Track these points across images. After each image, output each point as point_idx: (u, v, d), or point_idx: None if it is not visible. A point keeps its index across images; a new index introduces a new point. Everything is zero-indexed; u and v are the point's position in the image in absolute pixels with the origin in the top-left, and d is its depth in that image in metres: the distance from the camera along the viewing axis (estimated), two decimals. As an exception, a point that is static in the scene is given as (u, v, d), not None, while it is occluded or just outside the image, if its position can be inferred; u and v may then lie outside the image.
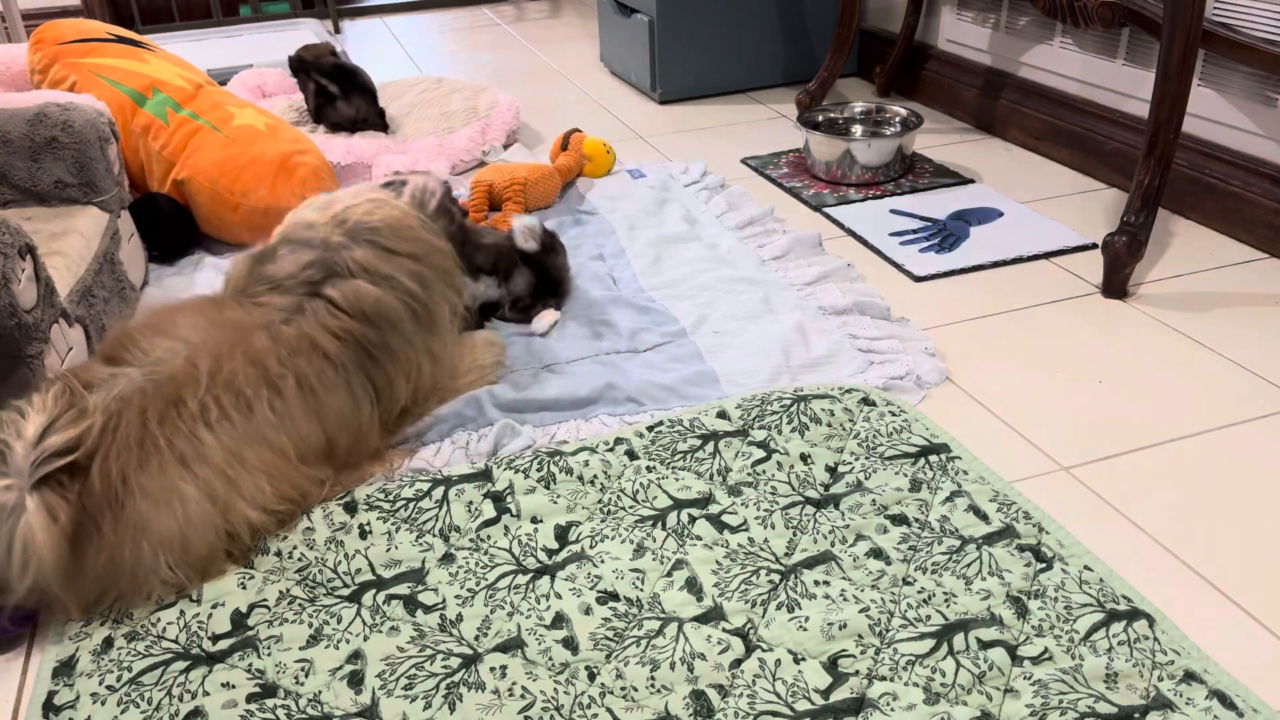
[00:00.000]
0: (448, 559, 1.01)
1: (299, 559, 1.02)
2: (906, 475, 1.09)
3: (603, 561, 1.00)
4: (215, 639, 0.93)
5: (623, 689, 0.86)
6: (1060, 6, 1.71)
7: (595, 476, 1.11)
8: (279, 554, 1.02)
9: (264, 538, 1.04)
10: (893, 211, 1.76)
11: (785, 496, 1.07)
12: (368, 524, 1.06)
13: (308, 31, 3.09)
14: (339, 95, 2.11)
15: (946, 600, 0.93)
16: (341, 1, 3.69)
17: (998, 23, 2.07)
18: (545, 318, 1.41)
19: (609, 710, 0.84)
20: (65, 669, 0.91)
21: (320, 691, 0.87)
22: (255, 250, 1.19)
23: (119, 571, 0.95)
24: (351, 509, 1.08)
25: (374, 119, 2.13)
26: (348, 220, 1.18)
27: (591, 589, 0.96)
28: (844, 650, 0.88)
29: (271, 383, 1.06)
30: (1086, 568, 0.96)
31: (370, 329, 1.13)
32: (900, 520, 1.03)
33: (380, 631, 0.93)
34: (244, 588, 0.98)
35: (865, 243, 1.66)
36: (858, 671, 0.87)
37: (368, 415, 1.14)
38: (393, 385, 1.16)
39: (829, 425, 1.17)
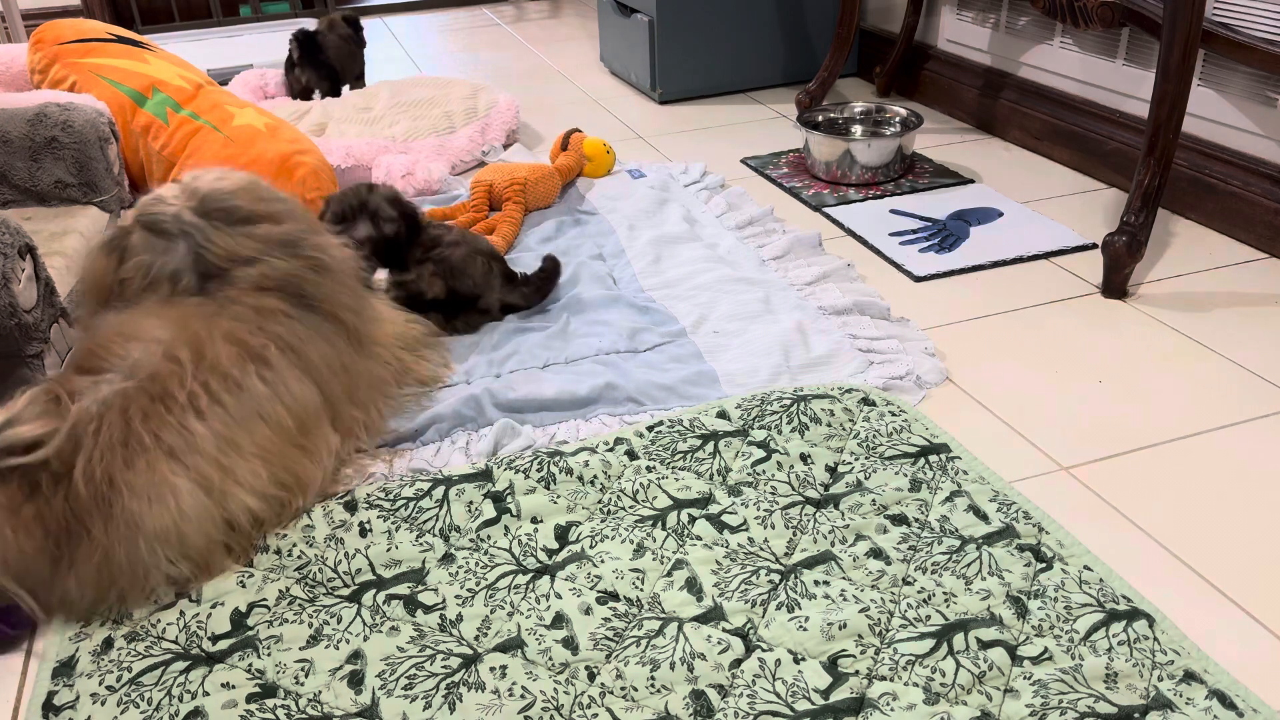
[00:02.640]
0: (448, 559, 1.01)
1: (299, 556, 1.02)
2: (906, 475, 1.09)
3: (603, 561, 1.00)
4: (215, 639, 0.93)
5: (623, 689, 0.86)
6: (1060, 6, 1.71)
7: (595, 477, 1.11)
8: (278, 552, 1.02)
9: (264, 536, 1.04)
10: (893, 211, 1.76)
11: (785, 496, 1.07)
12: (368, 522, 1.06)
13: (308, 31, 3.09)
14: (296, 63, 2.38)
15: (946, 600, 0.93)
16: (341, 1, 3.69)
17: (998, 23, 2.07)
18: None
19: (609, 710, 0.84)
20: (65, 669, 0.91)
21: (320, 691, 0.87)
22: (107, 238, 1.15)
23: (115, 571, 0.95)
24: (352, 507, 1.08)
25: (324, 90, 2.39)
26: (199, 190, 1.15)
27: (591, 589, 0.96)
28: (844, 650, 0.88)
29: (255, 355, 1.06)
30: (1086, 568, 0.96)
31: (292, 286, 1.15)
32: (900, 520, 1.03)
33: (380, 631, 0.93)
34: (243, 586, 0.98)
35: (865, 243, 1.66)
36: (858, 671, 0.87)
37: (347, 352, 1.15)
38: (343, 319, 1.18)
39: (829, 425, 1.17)
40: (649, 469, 1.12)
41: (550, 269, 1.47)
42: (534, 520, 1.06)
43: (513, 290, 1.44)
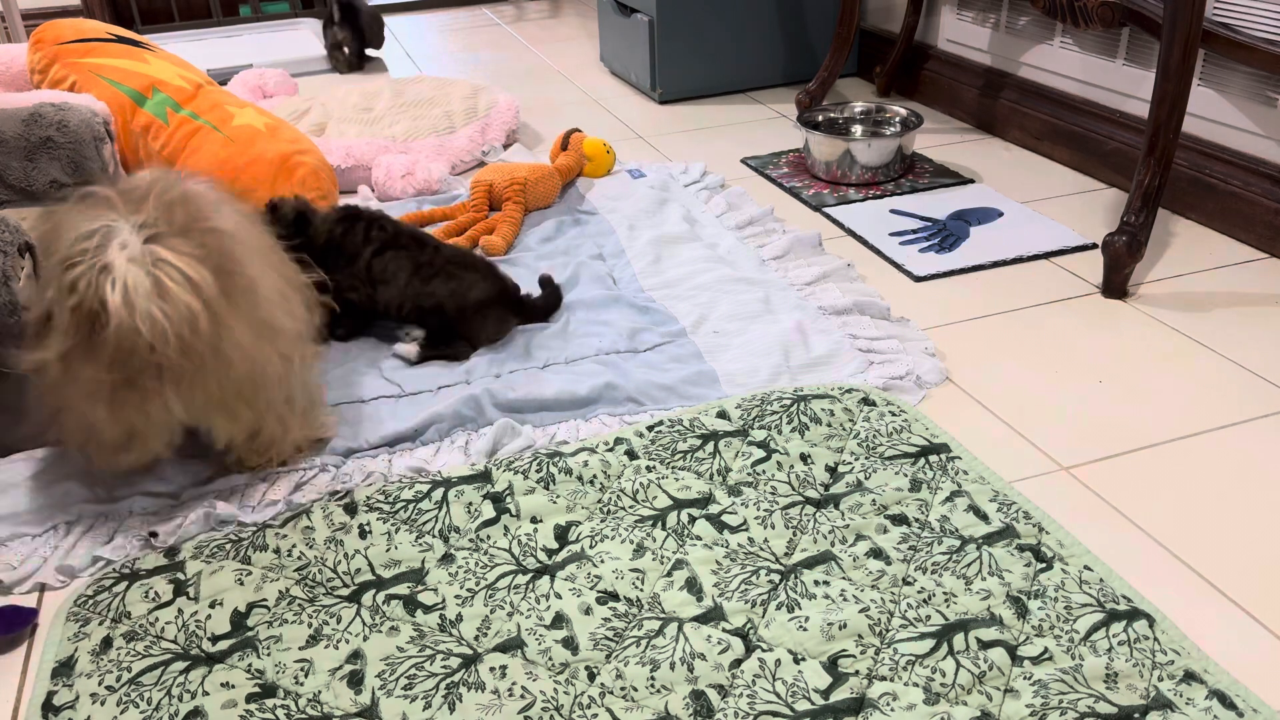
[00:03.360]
0: (447, 559, 1.01)
1: (298, 558, 1.02)
2: (906, 475, 1.09)
3: (602, 561, 1.00)
4: (215, 639, 0.93)
5: (623, 689, 0.86)
6: (1060, 6, 1.71)
7: (595, 477, 1.11)
8: (277, 551, 1.02)
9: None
10: (893, 211, 1.76)
11: (785, 496, 1.07)
12: (367, 524, 1.06)
13: (308, 31, 3.10)
14: (333, 22, 2.73)
15: (946, 600, 0.93)
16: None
17: (998, 23, 2.07)
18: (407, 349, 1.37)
19: (609, 710, 0.84)
20: (65, 669, 0.91)
21: (320, 691, 0.87)
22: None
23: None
24: (351, 510, 1.08)
25: (351, 48, 2.75)
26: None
27: (591, 589, 0.96)
28: (844, 650, 0.88)
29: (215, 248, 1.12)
30: (1086, 568, 0.96)
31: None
32: (900, 520, 1.03)
33: (380, 631, 0.93)
34: (241, 584, 0.98)
35: (865, 243, 1.66)
36: (858, 671, 0.86)
37: (268, 235, 1.21)
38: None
39: (829, 425, 1.17)
40: (649, 469, 1.12)
41: (554, 298, 1.45)
42: (533, 520, 1.06)
43: (522, 325, 1.42)
